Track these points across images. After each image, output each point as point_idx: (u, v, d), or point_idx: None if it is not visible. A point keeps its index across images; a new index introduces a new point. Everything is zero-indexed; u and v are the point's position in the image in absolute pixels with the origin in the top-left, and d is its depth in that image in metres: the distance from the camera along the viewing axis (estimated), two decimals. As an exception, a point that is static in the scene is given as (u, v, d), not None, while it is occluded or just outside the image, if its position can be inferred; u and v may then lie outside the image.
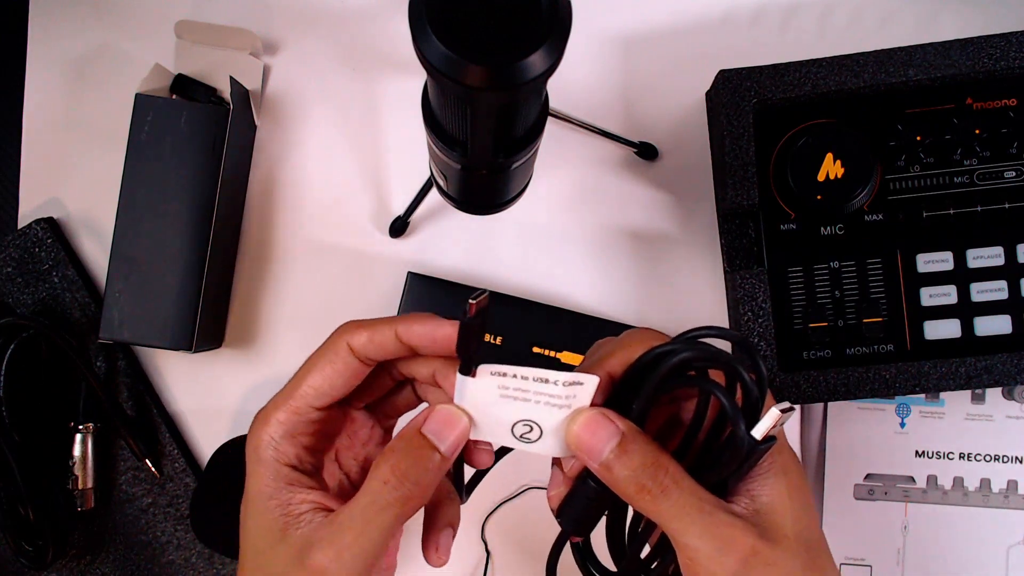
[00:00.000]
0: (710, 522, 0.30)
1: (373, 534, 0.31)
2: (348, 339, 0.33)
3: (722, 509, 0.31)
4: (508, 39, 0.28)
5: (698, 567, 0.30)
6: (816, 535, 0.32)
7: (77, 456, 0.53)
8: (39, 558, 0.52)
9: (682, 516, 0.30)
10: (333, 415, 0.35)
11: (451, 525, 0.37)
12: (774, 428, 0.30)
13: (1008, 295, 0.49)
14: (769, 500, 0.31)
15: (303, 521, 0.32)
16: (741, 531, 0.30)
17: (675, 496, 0.30)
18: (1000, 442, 0.53)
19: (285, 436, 0.33)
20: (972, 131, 0.49)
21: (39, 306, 0.55)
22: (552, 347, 0.53)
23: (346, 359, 0.33)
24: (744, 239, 0.50)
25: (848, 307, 0.49)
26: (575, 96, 0.56)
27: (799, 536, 0.31)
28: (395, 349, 0.33)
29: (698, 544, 0.30)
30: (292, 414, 0.33)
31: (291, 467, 0.33)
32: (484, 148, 0.35)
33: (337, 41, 0.57)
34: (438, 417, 0.32)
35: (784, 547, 0.30)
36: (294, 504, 0.33)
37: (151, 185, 0.52)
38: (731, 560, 0.29)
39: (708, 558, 0.30)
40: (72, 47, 0.57)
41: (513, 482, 0.55)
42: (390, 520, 0.31)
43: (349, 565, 0.30)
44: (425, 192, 0.53)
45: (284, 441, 0.33)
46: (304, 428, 0.34)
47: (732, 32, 0.56)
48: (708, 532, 0.30)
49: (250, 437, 0.34)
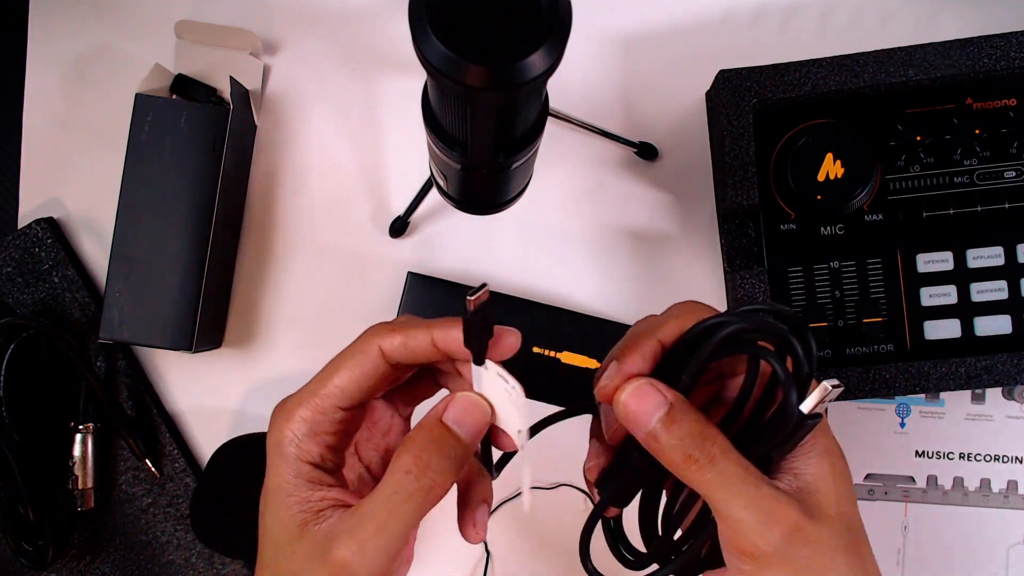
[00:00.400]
0: (756, 494, 0.30)
1: (396, 525, 0.30)
2: (380, 343, 0.33)
3: (767, 483, 0.30)
4: (508, 39, 0.28)
5: (741, 539, 0.30)
6: (857, 520, 0.32)
7: (77, 456, 0.53)
8: (39, 558, 0.52)
9: (728, 486, 0.30)
10: (356, 413, 0.35)
11: (485, 501, 0.36)
12: (822, 404, 0.30)
13: (1008, 295, 0.49)
14: (812, 479, 0.31)
15: (323, 517, 0.32)
16: (786, 505, 0.30)
17: (722, 466, 0.30)
18: (1000, 442, 0.53)
19: (308, 434, 0.33)
20: (972, 131, 0.49)
21: (39, 306, 0.55)
22: (552, 347, 0.53)
23: (376, 362, 0.33)
24: (744, 239, 0.50)
25: (848, 307, 0.49)
26: (575, 96, 0.56)
27: (841, 517, 0.31)
28: (429, 355, 0.33)
29: (743, 515, 0.29)
30: (317, 413, 0.33)
31: (313, 465, 0.33)
32: (484, 148, 0.35)
33: (337, 41, 0.57)
34: (458, 405, 0.32)
35: (827, 526, 0.30)
36: (314, 501, 0.32)
37: (151, 185, 0.52)
38: (775, 534, 0.29)
39: (752, 530, 0.29)
40: (72, 47, 0.57)
41: (513, 482, 0.55)
42: (413, 510, 0.30)
43: (372, 557, 0.30)
44: (425, 192, 0.53)
45: (307, 439, 0.33)
46: (328, 427, 0.33)
47: (732, 32, 0.56)
48: (753, 504, 0.29)
49: (272, 431, 0.33)
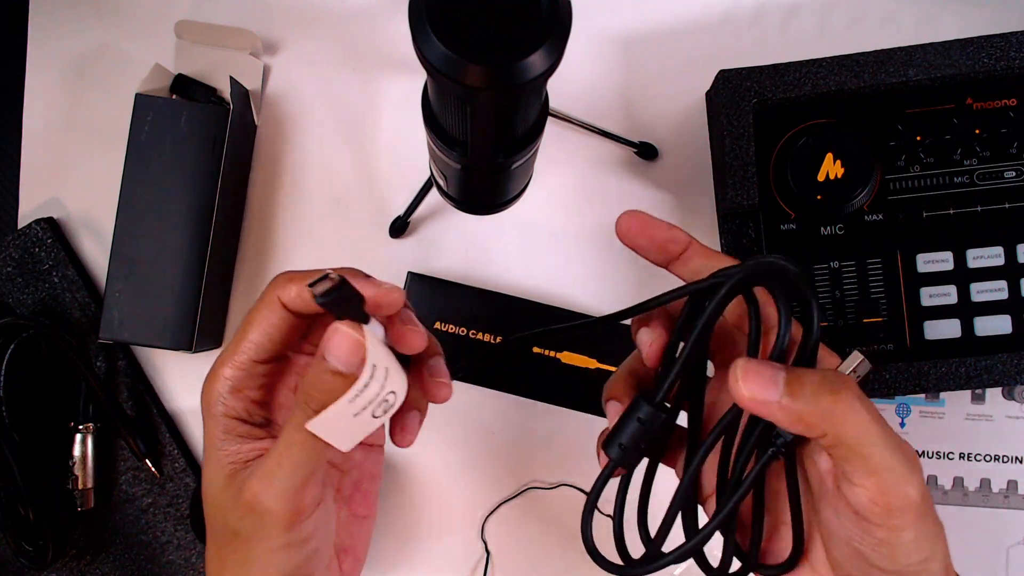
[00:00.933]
0: (892, 436, 0.28)
1: (296, 454, 0.31)
2: (279, 294, 0.33)
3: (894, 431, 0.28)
4: (508, 39, 0.28)
5: (892, 491, 0.27)
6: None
7: (77, 456, 0.53)
8: (39, 558, 0.52)
9: (870, 427, 0.27)
10: (279, 365, 0.36)
11: (417, 409, 0.36)
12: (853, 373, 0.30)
13: (1008, 295, 0.49)
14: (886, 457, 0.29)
15: (249, 467, 0.33)
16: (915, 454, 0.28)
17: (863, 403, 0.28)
18: (1000, 442, 0.53)
19: (231, 391, 0.34)
20: (972, 131, 0.49)
21: (39, 306, 0.55)
22: (552, 347, 0.53)
23: (280, 313, 0.33)
24: (744, 239, 0.50)
25: (848, 307, 0.49)
26: (575, 96, 0.56)
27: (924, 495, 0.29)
28: None
29: (892, 461, 0.27)
30: (237, 369, 0.34)
31: (240, 420, 0.34)
32: (484, 148, 0.35)
33: (337, 41, 0.57)
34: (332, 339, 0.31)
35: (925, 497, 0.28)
36: (243, 453, 0.34)
37: (151, 185, 0.52)
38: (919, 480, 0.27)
39: (903, 478, 0.27)
40: (72, 47, 0.57)
41: (513, 482, 0.55)
42: (308, 437, 0.31)
43: (280, 486, 0.31)
44: (425, 192, 0.53)
45: (231, 396, 0.34)
46: (249, 382, 0.34)
47: (732, 32, 0.56)
48: (893, 446, 0.27)
49: (202, 392, 0.34)
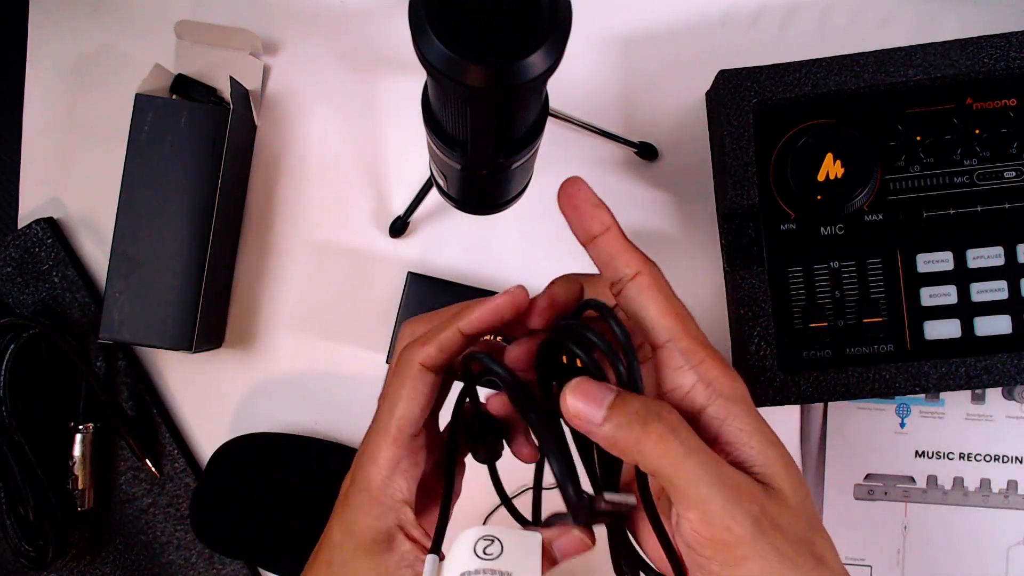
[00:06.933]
0: (720, 471, 0.28)
1: None
2: (419, 360, 0.33)
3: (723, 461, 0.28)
4: (508, 39, 0.28)
5: (712, 525, 0.27)
6: (815, 510, 0.30)
7: (77, 456, 0.53)
8: (39, 558, 0.52)
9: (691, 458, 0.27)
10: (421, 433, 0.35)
11: None
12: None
13: (1008, 295, 0.49)
14: (762, 466, 0.29)
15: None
16: (750, 483, 0.28)
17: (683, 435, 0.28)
18: (1000, 442, 0.53)
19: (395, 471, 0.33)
20: (972, 131, 0.49)
21: (39, 306, 0.55)
22: (552, 347, 0.53)
23: (424, 378, 0.33)
24: (744, 239, 0.50)
25: (848, 307, 0.49)
26: (575, 96, 0.56)
27: (801, 505, 0.29)
28: (463, 346, 0.33)
29: (711, 494, 0.27)
30: (396, 447, 0.33)
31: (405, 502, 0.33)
32: (484, 148, 0.35)
33: (337, 41, 0.57)
34: None
35: (789, 512, 0.28)
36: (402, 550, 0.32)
37: (151, 185, 0.52)
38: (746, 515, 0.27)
39: (724, 511, 0.27)
40: (72, 47, 0.57)
41: (513, 482, 0.55)
42: None
43: None
44: (425, 192, 0.53)
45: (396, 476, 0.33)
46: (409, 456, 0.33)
47: (732, 32, 0.56)
48: (719, 481, 0.27)
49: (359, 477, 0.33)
